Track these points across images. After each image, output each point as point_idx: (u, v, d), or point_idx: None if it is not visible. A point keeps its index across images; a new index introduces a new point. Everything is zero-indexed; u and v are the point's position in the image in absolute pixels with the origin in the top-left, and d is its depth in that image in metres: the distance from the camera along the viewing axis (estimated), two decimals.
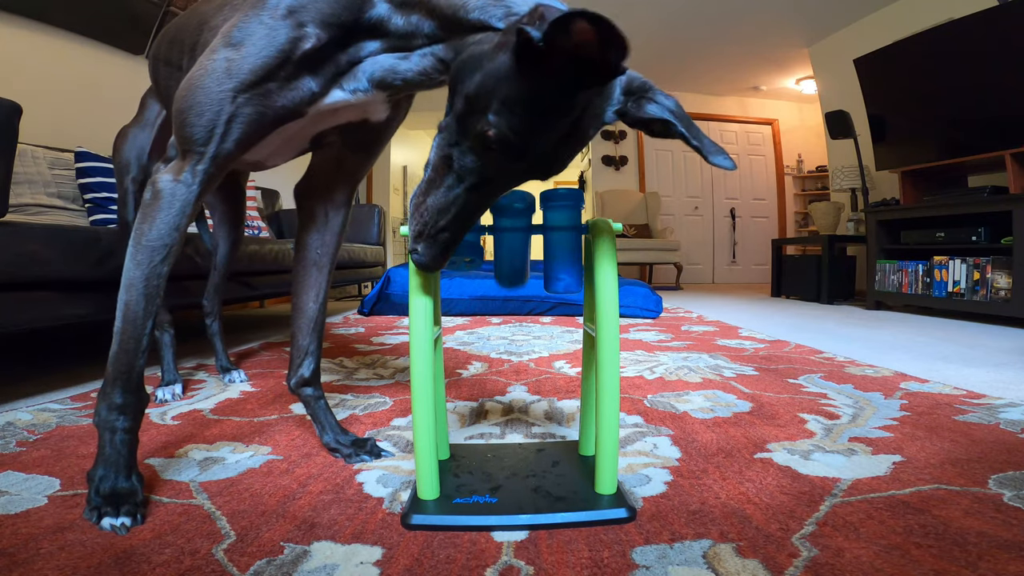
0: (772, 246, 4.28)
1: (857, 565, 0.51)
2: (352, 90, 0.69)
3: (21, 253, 1.08)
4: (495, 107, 0.51)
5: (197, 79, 0.63)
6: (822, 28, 4.45)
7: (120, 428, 0.64)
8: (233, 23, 0.65)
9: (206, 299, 1.40)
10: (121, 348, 0.65)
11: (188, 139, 0.64)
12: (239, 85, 0.62)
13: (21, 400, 1.15)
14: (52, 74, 2.30)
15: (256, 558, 0.53)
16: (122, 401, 0.65)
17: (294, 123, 0.70)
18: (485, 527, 0.60)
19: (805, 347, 1.82)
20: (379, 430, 0.96)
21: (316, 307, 0.89)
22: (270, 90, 0.64)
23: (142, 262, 0.64)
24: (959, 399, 1.12)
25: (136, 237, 0.64)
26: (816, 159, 6.11)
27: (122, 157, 1.14)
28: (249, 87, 0.62)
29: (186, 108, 0.63)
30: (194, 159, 0.64)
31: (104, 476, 0.63)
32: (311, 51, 0.64)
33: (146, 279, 0.64)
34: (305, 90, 0.66)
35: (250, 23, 0.63)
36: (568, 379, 1.35)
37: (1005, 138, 2.63)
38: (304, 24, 0.63)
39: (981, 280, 2.59)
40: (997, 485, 0.69)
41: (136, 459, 0.66)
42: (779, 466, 0.77)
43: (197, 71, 0.64)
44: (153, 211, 0.64)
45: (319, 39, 0.64)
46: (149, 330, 0.66)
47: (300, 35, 0.63)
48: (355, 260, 3.08)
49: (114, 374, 0.65)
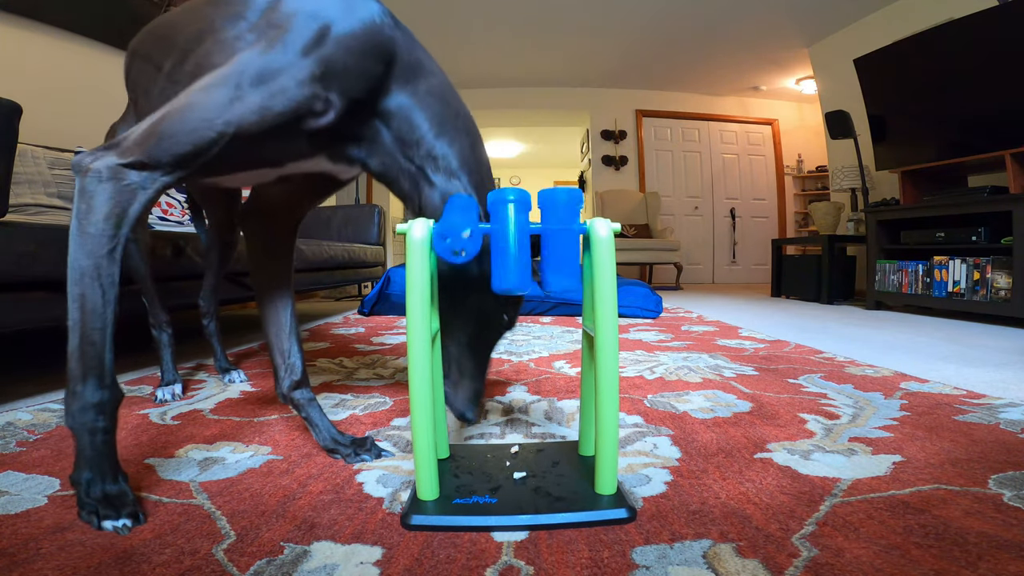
0: (772, 246, 4.28)
1: (857, 565, 0.51)
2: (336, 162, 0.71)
3: (21, 253, 1.08)
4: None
5: (198, 102, 0.59)
6: (822, 28, 4.45)
7: (100, 428, 0.61)
8: (254, 53, 0.61)
9: (202, 300, 1.40)
10: (86, 341, 0.59)
11: (162, 156, 0.59)
12: (237, 125, 0.59)
13: (21, 400, 1.15)
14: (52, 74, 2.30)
15: (256, 558, 0.53)
16: (98, 399, 0.60)
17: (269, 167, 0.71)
18: (485, 527, 0.60)
19: (805, 347, 1.82)
20: (379, 430, 0.96)
21: (287, 314, 0.89)
22: (263, 141, 0.62)
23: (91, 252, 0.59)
24: (959, 399, 1.12)
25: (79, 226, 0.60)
26: (816, 159, 6.12)
27: None
28: (245, 131, 0.59)
29: (177, 129, 0.59)
30: (160, 170, 0.60)
31: (91, 480, 0.60)
32: (325, 126, 0.63)
33: (96, 268, 0.59)
34: (294, 151, 0.66)
35: (273, 62, 0.59)
36: (568, 379, 1.35)
37: (1005, 138, 2.63)
38: (329, 90, 0.61)
39: (981, 280, 2.59)
40: (997, 485, 0.69)
41: (118, 458, 0.63)
42: (779, 466, 0.77)
43: (200, 94, 0.60)
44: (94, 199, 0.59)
45: (336, 115, 0.63)
46: (111, 319, 0.60)
47: (321, 107, 0.61)
48: (355, 260, 3.08)
49: (82, 371, 0.59)
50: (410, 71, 0.68)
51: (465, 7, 4.22)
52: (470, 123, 0.72)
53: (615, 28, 4.62)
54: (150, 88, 0.82)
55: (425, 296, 0.63)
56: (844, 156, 4.24)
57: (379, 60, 0.65)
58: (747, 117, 6.37)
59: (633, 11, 4.29)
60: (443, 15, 4.33)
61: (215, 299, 1.40)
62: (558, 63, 5.45)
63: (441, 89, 0.70)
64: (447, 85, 0.72)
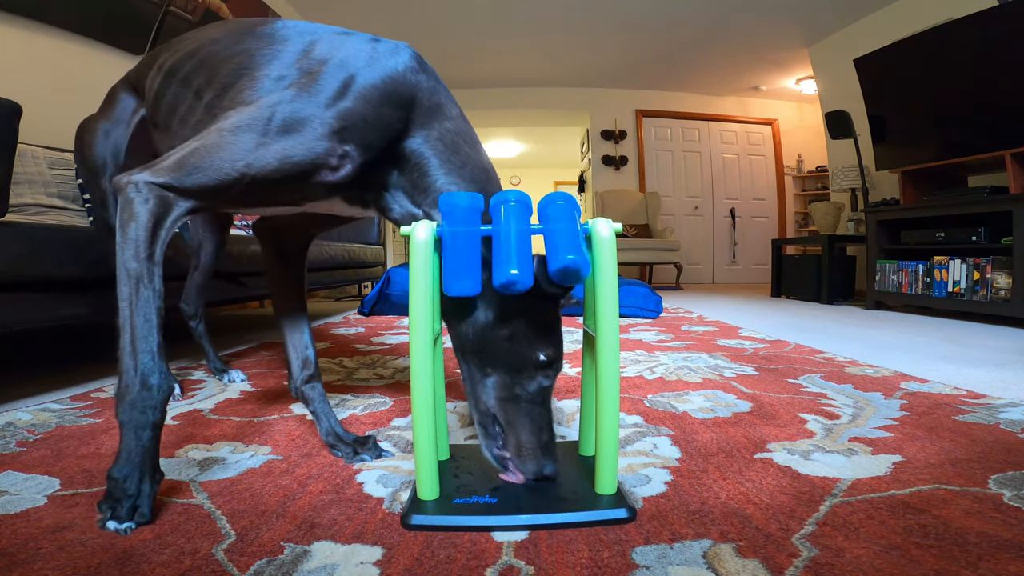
0: (772, 246, 4.28)
1: (857, 565, 0.51)
2: (354, 205, 0.74)
3: (21, 253, 1.08)
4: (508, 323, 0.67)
5: (225, 143, 0.63)
6: (822, 28, 4.45)
7: (149, 423, 0.61)
8: (285, 96, 0.65)
9: (185, 303, 1.35)
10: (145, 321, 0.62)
11: (189, 185, 0.64)
12: (259, 170, 0.63)
13: (21, 400, 1.15)
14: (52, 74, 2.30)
15: (256, 558, 0.53)
16: (149, 391, 0.62)
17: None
18: (485, 527, 0.60)
19: (805, 347, 1.82)
20: (379, 430, 0.96)
21: (302, 313, 0.93)
22: (280, 184, 0.66)
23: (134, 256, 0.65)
24: (959, 399, 1.12)
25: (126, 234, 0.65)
26: (816, 159, 6.11)
27: (95, 155, 1.05)
28: (265, 176, 0.64)
29: (205, 166, 0.63)
30: (184, 195, 0.65)
31: (128, 478, 0.59)
32: (343, 179, 0.67)
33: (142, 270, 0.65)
34: (310, 195, 0.70)
35: (299, 111, 0.64)
36: (568, 379, 1.35)
37: (1005, 138, 2.63)
38: (345, 144, 0.65)
39: (981, 280, 2.59)
40: (997, 485, 0.69)
41: (158, 457, 0.63)
42: (779, 466, 0.77)
43: (229, 135, 0.64)
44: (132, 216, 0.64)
45: (352, 169, 0.66)
46: (160, 315, 0.64)
47: (335, 163, 0.65)
48: (355, 260, 3.08)
49: (134, 364, 0.62)
50: (429, 115, 0.70)
51: (465, 7, 4.22)
52: (481, 166, 0.73)
53: (615, 28, 4.62)
54: (187, 116, 0.84)
55: (428, 297, 0.63)
56: (844, 156, 4.24)
57: (399, 107, 0.68)
58: (747, 117, 6.38)
59: (633, 11, 4.29)
60: (443, 15, 4.33)
61: (201, 300, 1.37)
62: (558, 63, 5.45)
63: (454, 135, 0.72)
64: (462, 130, 0.73)
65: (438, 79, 0.74)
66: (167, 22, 2.72)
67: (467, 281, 0.61)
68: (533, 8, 4.25)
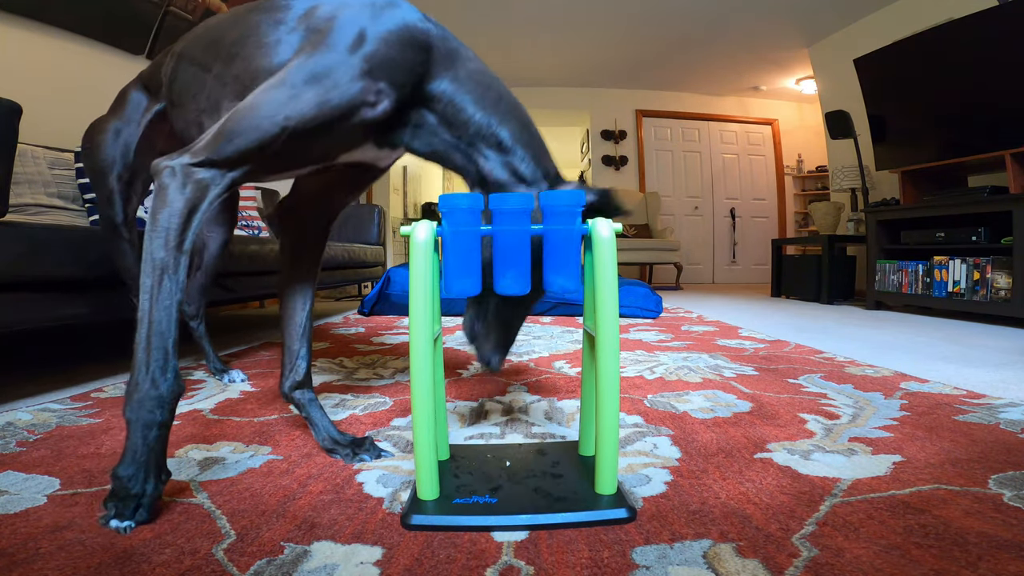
0: (772, 246, 4.28)
1: (857, 565, 0.51)
2: (381, 147, 0.74)
3: (21, 253, 1.08)
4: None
5: (259, 103, 0.65)
6: (822, 28, 4.45)
7: (157, 422, 0.61)
8: (302, 58, 0.66)
9: (187, 303, 1.35)
10: (159, 323, 0.62)
11: (230, 153, 0.65)
12: (298, 120, 0.63)
13: (21, 400, 1.15)
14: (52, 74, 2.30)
15: (256, 558, 0.53)
16: (160, 391, 0.61)
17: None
18: (485, 527, 0.60)
19: (805, 347, 1.82)
20: (379, 430, 0.96)
21: (304, 314, 0.91)
22: (319, 134, 0.66)
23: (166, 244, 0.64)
24: (959, 399, 1.12)
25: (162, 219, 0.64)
26: (816, 159, 6.11)
27: (105, 154, 1.06)
28: (304, 125, 0.64)
29: (242, 128, 0.64)
30: (226, 168, 0.66)
31: (134, 477, 0.59)
32: (378, 117, 0.67)
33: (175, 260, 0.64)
34: (346, 142, 0.70)
35: (323, 62, 0.65)
36: (568, 379, 1.35)
37: (1005, 138, 2.63)
38: (378, 82, 0.65)
39: (981, 280, 2.59)
40: (997, 485, 0.69)
41: (166, 456, 0.63)
42: (779, 466, 0.77)
43: (260, 95, 0.65)
44: (171, 197, 0.64)
45: (390, 104, 0.67)
46: (178, 310, 0.64)
47: (373, 99, 0.66)
48: (355, 260, 3.08)
49: (147, 360, 0.61)
50: (448, 59, 0.72)
51: (465, 7, 4.22)
52: (514, 103, 0.75)
53: (615, 28, 4.62)
54: (198, 92, 0.86)
55: (428, 297, 0.63)
56: (844, 156, 4.24)
57: (418, 50, 0.69)
58: (747, 117, 6.37)
59: (633, 11, 4.29)
60: (442, 15, 4.33)
61: (204, 300, 1.38)
62: (558, 63, 5.45)
63: (480, 75, 0.74)
64: (485, 70, 0.76)
65: (447, 30, 0.75)
66: (167, 22, 2.72)
67: (467, 280, 0.64)
68: (533, 7, 4.25)
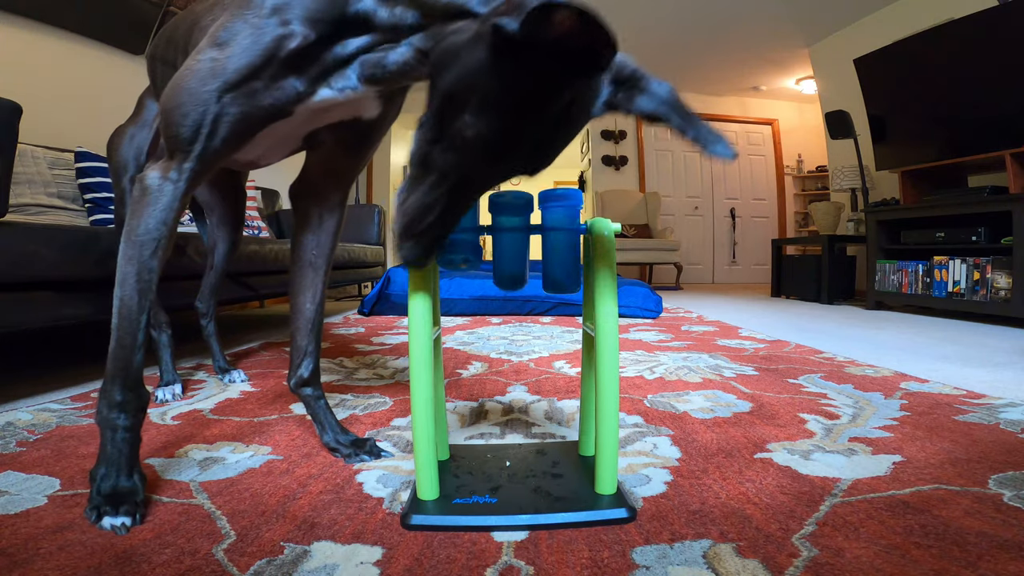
0: (772, 246, 4.28)
1: (857, 565, 0.51)
2: (340, 88, 0.67)
3: (21, 253, 1.08)
4: (473, 105, 0.48)
5: (183, 79, 0.64)
6: (822, 28, 4.45)
7: (121, 426, 0.64)
8: (220, 23, 0.65)
9: (200, 301, 1.39)
10: (118, 344, 0.65)
11: (175, 138, 0.64)
12: (224, 85, 0.62)
13: (21, 400, 1.15)
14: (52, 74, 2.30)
15: (256, 558, 0.53)
16: (122, 398, 0.65)
17: (284, 122, 0.69)
18: (485, 527, 0.60)
19: (805, 347, 1.82)
20: (379, 430, 0.96)
21: (313, 308, 0.89)
22: (255, 89, 0.63)
23: (133, 257, 0.64)
24: (959, 399, 1.12)
25: (126, 233, 0.65)
26: (816, 159, 6.11)
27: (120, 156, 1.12)
28: (234, 87, 0.62)
29: (172, 108, 0.64)
30: (181, 158, 0.65)
31: (105, 475, 0.63)
32: (297, 50, 0.63)
33: (138, 274, 0.64)
34: (291, 89, 0.66)
35: (235, 23, 0.64)
36: (568, 379, 1.35)
37: (1005, 138, 2.63)
38: (289, 22, 0.63)
39: (981, 280, 2.59)
40: (997, 485, 0.69)
41: (138, 458, 0.66)
42: (779, 466, 0.77)
43: (183, 71, 0.64)
44: (141, 207, 0.65)
45: (305, 37, 0.63)
46: (144, 325, 0.66)
47: (286, 33, 0.62)
48: (355, 260, 3.08)
49: (112, 371, 0.65)
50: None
51: None
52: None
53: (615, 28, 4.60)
54: (163, 87, 0.88)
55: (426, 298, 0.63)
56: (844, 156, 4.24)
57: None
58: (747, 117, 6.38)
59: (633, 11, 4.29)
60: None
61: (215, 299, 1.41)
62: None
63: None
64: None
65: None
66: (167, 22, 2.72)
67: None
68: None
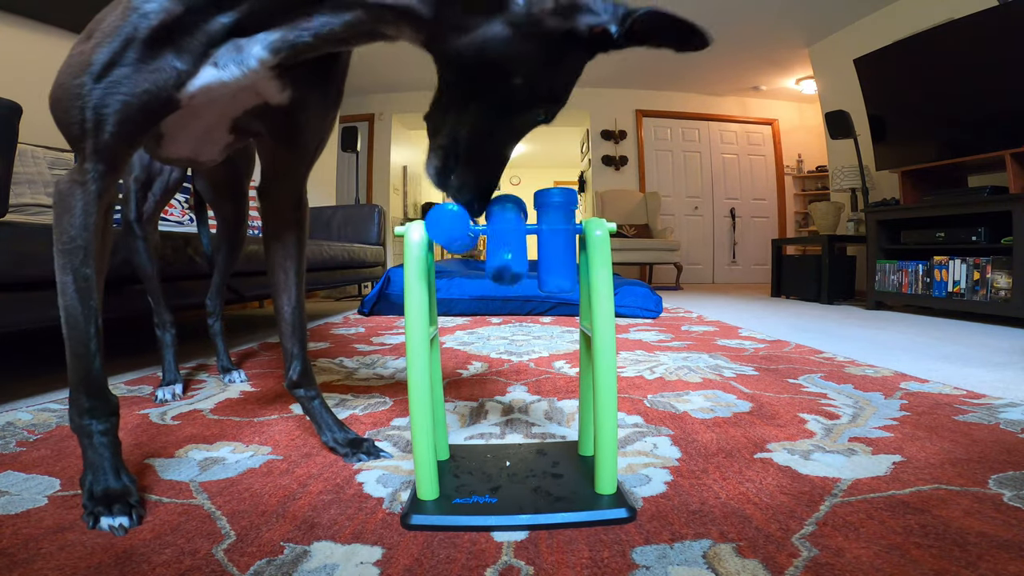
0: (772, 246, 4.28)
1: (857, 565, 0.51)
2: (225, 65, 0.61)
3: (21, 253, 1.08)
4: (521, 77, 0.57)
5: (59, 75, 0.62)
6: (822, 28, 4.45)
7: (96, 431, 0.64)
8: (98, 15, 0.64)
9: (209, 299, 1.41)
10: (72, 354, 0.64)
11: (67, 138, 0.62)
12: (91, 76, 0.59)
13: (21, 400, 1.15)
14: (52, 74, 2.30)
15: (256, 558, 0.53)
16: (90, 405, 0.64)
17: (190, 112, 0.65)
18: (485, 527, 0.60)
19: (805, 347, 1.82)
20: (379, 430, 0.96)
21: (291, 310, 0.87)
22: (125, 75, 0.59)
23: (65, 266, 0.63)
24: (959, 399, 1.12)
25: (55, 242, 0.63)
26: (816, 159, 6.12)
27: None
28: (100, 75, 0.59)
29: (53, 105, 0.62)
30: (82, 158, 0.62)
31: (94, 480, 0.63)
32: (161, 25, 0.59)
33: (74, 282, 0.63)
34: (170, 70, 0.60)
35: (106, 10, 0.63)
36: (568, 379, 1.35)
37: (1005, 138, 2.63)
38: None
39: (981, 280, 2.59)
40: (997, 485, 0.69)
41: (121, 460, 0.66)
42: (779, 466, 0.77)
43: (61, 67, 0.63)
44: (60, 214, 0.63)
45: (168, 12, 0.59)
46: (94, 334, 0.64)
47: (146, 10, 0.58)
48: (355, 260, 3.08)
49: (75, 380, 0.64)
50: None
51: None
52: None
53: None
54: None
55: (424, 297, 0.63)
56: (844, 156, 4.24)
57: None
58: (747, 117, 6.38)
59: None
60: None
61: (221, 298, 1.41)
62: None
63: None
64: None
65: None
66: None
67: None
68: None
